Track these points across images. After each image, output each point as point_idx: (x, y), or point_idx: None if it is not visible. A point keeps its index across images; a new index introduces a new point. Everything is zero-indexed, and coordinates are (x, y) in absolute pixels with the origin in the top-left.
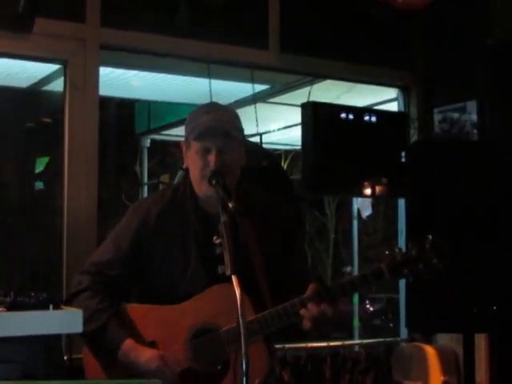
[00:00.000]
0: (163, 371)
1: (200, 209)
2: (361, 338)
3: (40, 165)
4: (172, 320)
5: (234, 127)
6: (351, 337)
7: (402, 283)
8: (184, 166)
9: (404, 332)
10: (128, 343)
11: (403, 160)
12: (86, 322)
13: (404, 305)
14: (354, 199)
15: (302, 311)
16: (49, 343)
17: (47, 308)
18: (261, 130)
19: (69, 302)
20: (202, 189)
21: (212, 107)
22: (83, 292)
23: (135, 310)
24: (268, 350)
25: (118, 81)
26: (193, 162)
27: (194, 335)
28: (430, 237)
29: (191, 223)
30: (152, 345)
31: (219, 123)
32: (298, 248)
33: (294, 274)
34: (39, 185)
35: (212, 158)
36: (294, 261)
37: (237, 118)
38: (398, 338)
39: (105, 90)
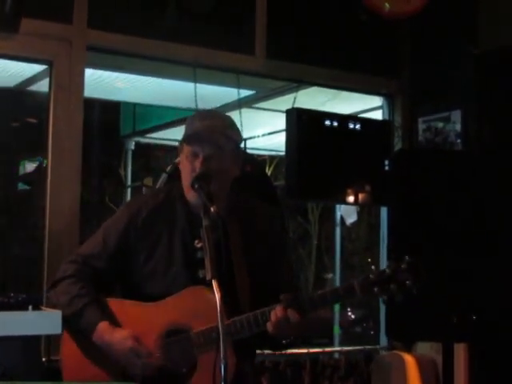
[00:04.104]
0: (137, 349)
1: (190, 212)
2: (341, 345)
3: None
4: (148, 317)
5: (225, 136)
6: (332, 344)
7: None
8: (167, 169)
9: (384, 340)
10: (103, 325)
11: (387, 168)
12: (65, 306)
13: (384, 313)
14: (338, 206)
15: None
16: (27, 344)
17: (26, 309)
18: (245, 136)
19: (52, 288)
20: (188, 194)
21: (208, 114)
22: (67, 278)
23: (115, 304)
24: (236, 356)
25: (104, 82)
26: (183, 166)
27: (166, 334)
28: (407, 257)
29: (180, 225)
30: None
31: (210, 131)
32: (286, 261)
33: (279, 286)
34: (22, 185)
35: (197, 164)
36: (281, 273)
37: (231, 128)
38: (378, 346)
39: (90, 91)
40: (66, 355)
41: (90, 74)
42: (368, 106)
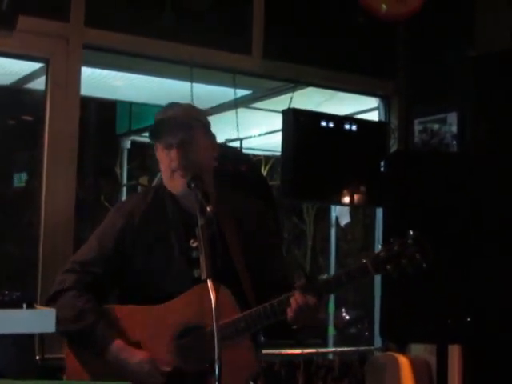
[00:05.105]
0: (154, 375)
1: (182, 209)
2: (336, 345)
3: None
4: (157, 320)
5: (190, 117)
6: (326, 344)
7: (378, 292)
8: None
9: (378, 341)
10: (118, 343)
11: (382, 169)
12: (72, 321)
13: (379, 314)
14: (333, 207)
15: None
16: (21, 342)
17: (21, 307)
18: (241, 135)
19: (52, 301)
20: (171, 185)
21: (168, 106)
22: (67, 291)
23: (120, 311)
24: (256, 350)
25: (100, 81)
26: (162, 161)
27: (179, 334)
28: (412, 232)
29: (173, 225)
30: (137, 345)
31: (173, 118)
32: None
33: (272, 285)
34: (18, 182)
35: (173, 152)
36: (276, 262)
37: (194, 110)
38: (372, 347)
39: (86, 89)
40: (71, 371)
41: (86, 72)
42: (364, 107)
